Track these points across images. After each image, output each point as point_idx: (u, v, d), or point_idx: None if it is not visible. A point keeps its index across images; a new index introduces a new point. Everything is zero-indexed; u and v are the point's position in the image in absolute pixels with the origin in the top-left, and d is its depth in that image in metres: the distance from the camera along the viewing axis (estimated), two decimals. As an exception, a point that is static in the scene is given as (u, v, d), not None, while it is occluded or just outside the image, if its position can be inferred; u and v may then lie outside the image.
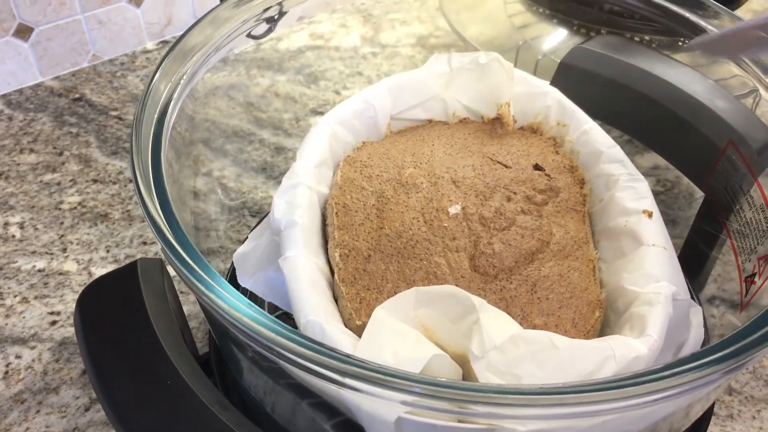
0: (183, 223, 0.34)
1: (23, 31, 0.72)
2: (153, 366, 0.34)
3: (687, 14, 0.51)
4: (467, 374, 0.35)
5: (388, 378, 0.28)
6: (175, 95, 0.40)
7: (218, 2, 0.70)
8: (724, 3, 0.51)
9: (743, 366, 0.29)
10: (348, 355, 0.29)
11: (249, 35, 0.50)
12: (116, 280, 0.38)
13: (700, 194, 0.51)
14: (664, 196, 0.63)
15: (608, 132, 0.48)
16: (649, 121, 0.51)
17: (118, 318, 0.37)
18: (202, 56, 0.44)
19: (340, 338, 0.35)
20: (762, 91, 0.47)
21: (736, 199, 0.44)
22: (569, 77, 0.53)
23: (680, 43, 0.65)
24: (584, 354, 0.33)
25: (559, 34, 0.70)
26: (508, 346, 0.33)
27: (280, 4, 0.50)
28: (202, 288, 0.31)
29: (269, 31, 0.51)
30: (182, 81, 0.41)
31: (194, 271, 0.31)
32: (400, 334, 0.34)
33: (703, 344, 0.41)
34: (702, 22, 0.50)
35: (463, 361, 0.35)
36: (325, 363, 0.29)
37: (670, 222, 0.43)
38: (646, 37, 0.65)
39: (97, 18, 0.76)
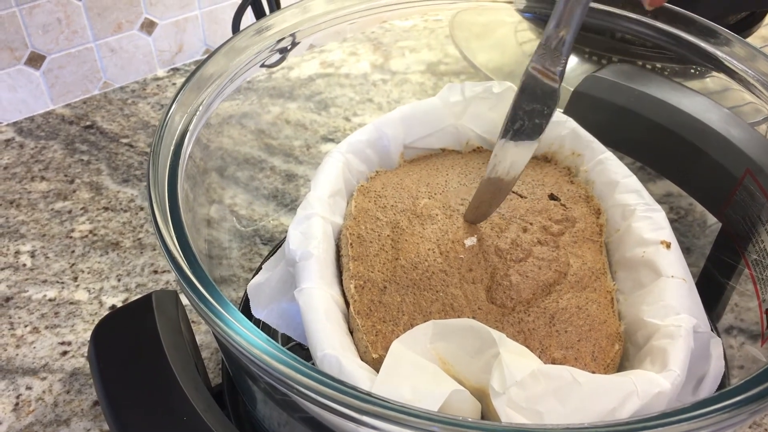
0: (197, 251, 0.34)
1: (35, 60, 0.73)
2: (168, 401, 0.34)
3: (699, 42, 0.51)
4: (486, 409, 0.35)
5: (407, 417, 0.28)
6: (191, 126, 0.40)
7: (229, 29, 0.71)
8: (736, 30, 0.51)
9: (772, 405, 0.28)
10: (368, 393, 0.28)
11: (262, 65, 0.50)
12: (131, 312, 0.38)
13: (713, 222, 0.50)
14: (677, 223, 0.62)
15: (620, 159, 0.48)
16: (663, 150, 0.51)
17: (133, 351, 0.36)
18: (217, 87, 0.44)
19: (358, 373, 0.34)
20: (777, 118, 0.47)
21: (754, 229, 0.44)
22: (582, 105, 0.53)
23: (692, 71, 0.65)
24: (607, 390, 0.33)
25: (570, 62, 0.70)
26: (529, 382, 0.32)
27: (293, 35, 0.50)
28: (221, 324, 0.30)
29: (281, 60, 0.51)
30: (198, 112, 0.41)
31: (212, 306, 0.31)
32: (418, 368, 0.34)
33: (723, 376, 0.41)
34: (714, 50, 0.50)
35: (481, 396, 0.35)
36: (344, 401, 0.28)
37: (684, 250, 0.42)
38: (658, 65, 0.65)
39: (108, 46, 0.77)
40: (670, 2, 0.51)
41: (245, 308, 0.47)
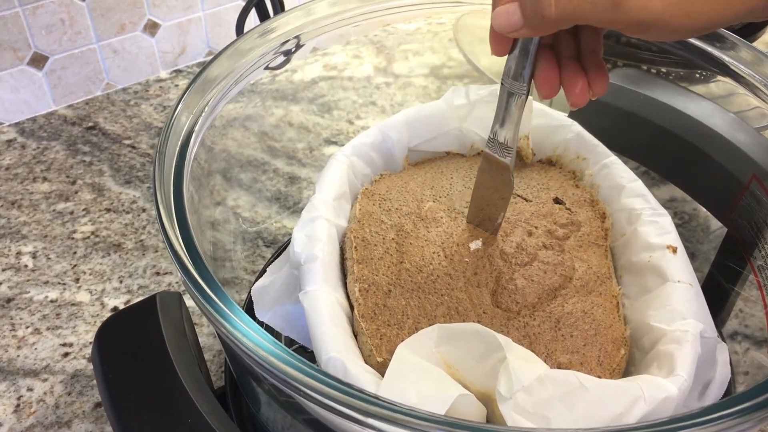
0: (202, 253, 0.34)
1: (38, 60, 0.73)
2: (173, 403, 0.34)
3: (704, 46, 0.51)
4: (491, 414, 0.35)
5: (414, 420, 0.28)
6: (197, 127, 0.40)
7: (232, 31, 0.70)
8: (740, 36, 0.51)
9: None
10: (374, 396, 0.28)
11: (266, 67, 0.50)
12: (135, 313, 0.38)
13: (717, 227, 0.50)
14: (681, 228, 0.62)
15: (625, 163, 0.47)
16: (668, 155, 0.51)
17: (137, 353, 0.36)
18: (222, 89, 0.44)
19: (363, 376, 0.34)
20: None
21: (760, 234, 0.44)
22: (587, 109, 0.53)
23: (698, 76, 0.65)
24: (614, 394, 0.32)
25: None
26: (536, 387, 0.32)
27: (297, 37, 0.50)
28: (227, 325, 0.30)
29: (285, 62, 0.51)
30: (203, 113, 0.41)
31: (218, 307, 0.31)
32: (424, 372, 0.34)
33: (729, 382, 0.41)
34: (720, 54, 0.50)
35: (487, 401, 0.34)
36: (350, 403, 0.28)
37: (688, 255, 0.42)
38: (663, 69, 0.64)
39: (111, 47, 0.77)
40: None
41: (248, 311, 0.46)
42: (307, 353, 0.44)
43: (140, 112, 0.76)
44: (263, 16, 0.67)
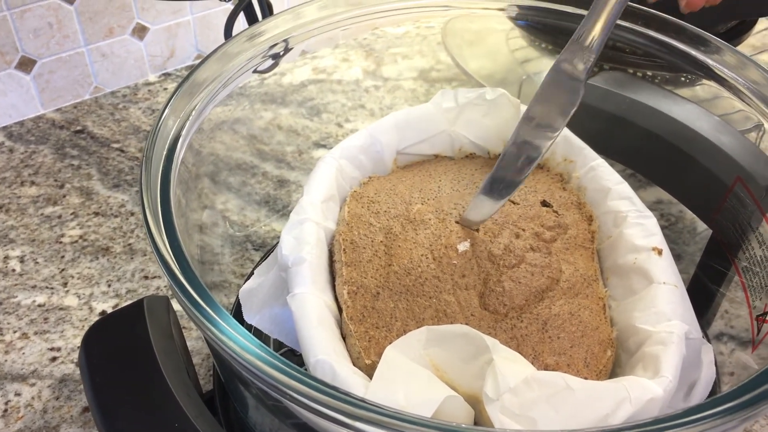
0: (189, 257, 0.34)
1: (26, 64, 0.73)
2: (160, 407, 0.34)
3: (690, 50, 0.51)
4: (479, 416, 0.35)
5: (400, 423, 0.28)
6: (184, 131, 0.40)
7: (221, 34, 0.71)
8: (725, 39, 0.51)
9: (765, 412, 0.28)
10: (361, 399, 0.28)
11: (255, 71, 0.50)
12: (122, 318, 0.38)
13: (703, 229, 0.50)
14: (668, 230, 0.63)
15: (611, 166, 0.48)
16: (654, 158, 0.51)
17: (125, 358, 0.36)
18: (210, 93, 0.44)
19: (352, 378, 0.34)
20: (767, 125, 0.47)
21: (744, 236, 0.44)
22: (574, 113, 0.54)
23: (683, 79, 0.66)
24: (600, 396, 0.33)
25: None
26: (523, 388, 0.32)
27: (286, 41, 0.50)
28: (214, 329, 0.30)
29: (274, 65, 0.51)
30: (191, 117, 0.41)
31: (204, 312, 0.31)
32: (412, 374, 0.34)
33: (714, 383, 0.41)
34: (704, 58, 0.51)
35: (474, 402, 0.35)
36: (337, 407, 0.28)
37: (674, 257, 0.42)
38: (649, 73, 0.65)
39: (100, 51, 0.76)
40: (661, 11, 0.51)
41: (237, 314, 0.46)
42: (295, 356, 0.44)
43: (129, 116, 0.76)
44: (252, 19, 0.67)
